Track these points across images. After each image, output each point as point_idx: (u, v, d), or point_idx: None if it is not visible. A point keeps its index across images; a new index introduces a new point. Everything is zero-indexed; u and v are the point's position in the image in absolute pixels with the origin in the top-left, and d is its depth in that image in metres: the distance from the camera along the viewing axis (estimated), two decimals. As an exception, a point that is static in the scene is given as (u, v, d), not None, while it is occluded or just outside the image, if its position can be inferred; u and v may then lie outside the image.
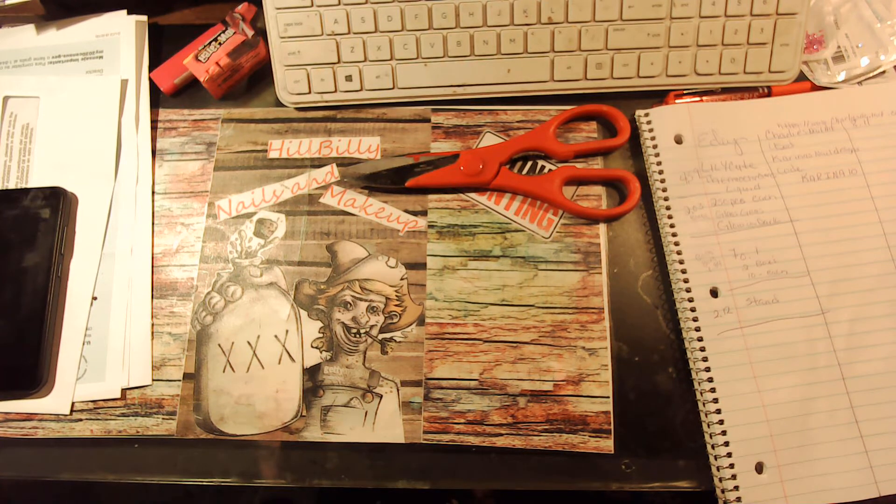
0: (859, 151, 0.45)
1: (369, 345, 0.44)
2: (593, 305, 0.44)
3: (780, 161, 0.45)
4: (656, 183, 0.45)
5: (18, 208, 0.46)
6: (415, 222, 0.47)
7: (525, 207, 0.47)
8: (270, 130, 0.50)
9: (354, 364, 0.43)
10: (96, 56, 0.52)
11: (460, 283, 0.45)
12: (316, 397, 0.43)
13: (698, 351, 0.41)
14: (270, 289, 0.46)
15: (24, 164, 0.49)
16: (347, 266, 0.46)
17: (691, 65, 0.47)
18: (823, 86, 0.48)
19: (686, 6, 0.46)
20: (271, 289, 0.46)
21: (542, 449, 0.41)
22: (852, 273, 0.42)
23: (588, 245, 0.45)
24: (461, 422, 0.42)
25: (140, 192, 0.48)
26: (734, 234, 0.44)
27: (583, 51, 0.47)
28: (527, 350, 0.43)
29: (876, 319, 0.41)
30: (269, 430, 0.42)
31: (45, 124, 0.50)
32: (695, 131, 0.46)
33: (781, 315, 0.42)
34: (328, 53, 0.48)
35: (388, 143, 0.49)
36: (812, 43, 0.49)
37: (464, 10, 0.47)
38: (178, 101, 0.51)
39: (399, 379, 0.43)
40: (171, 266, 0.47)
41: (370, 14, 0.47)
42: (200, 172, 0.49)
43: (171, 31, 0.53)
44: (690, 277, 0.43)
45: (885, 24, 0.48)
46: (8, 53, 0.52)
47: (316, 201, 0.48)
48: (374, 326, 0.44)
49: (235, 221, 0.48)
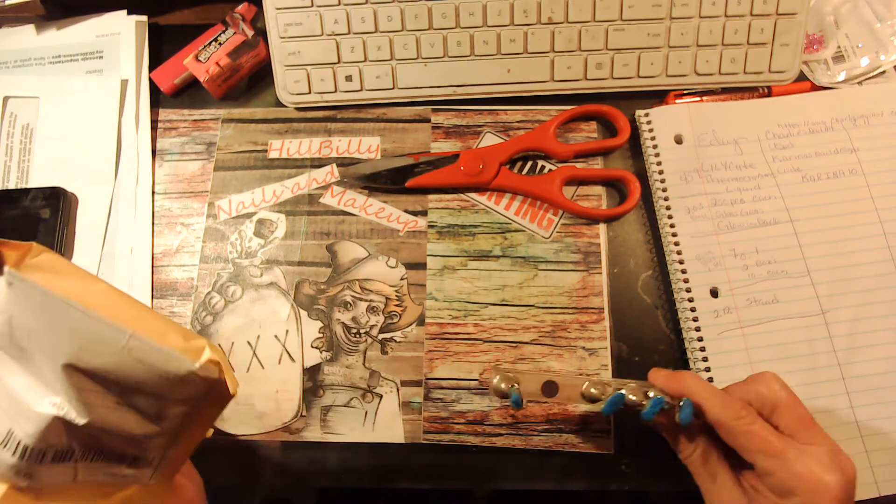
0: (859, 151, 0.45)
1: (369, 345, 0.44)
2: (593, 305, 0.44)
3: (780, 161, 0.45)
4: (656, 183, 0.45)
5: (18, 208, 0.46)
6: (415, 222, 0.47)
7: (525, 207, 0.47)
8: (270, 130, 0.50)
9: (354, 364, 0.43)
10: (96, 56, 0.52)
11: (460, 283, 0.45)
12: (316, 397, 0.43)
13: (698, 351, 0.41)
14: (270, 289, 0.46)
15: (24, 164, 0.49)
16: (347, 266, 0.46)
17: (691, 65, 0.47)
18: (823, 86, 0.48)
19: (686, 6, 0.46)
20: (271, 289, 0.46)
21: (542, 449, 0.41)
22: (852, 273, 0.42)
23: (588, 245, 0.45)
24: (461, 422, 0.42)
25: (140, 192, 0.48)
26: (734, 234, 0.44)
27: (583, 51, 0.47)
28: (527, 350, 0.43)
29: (876, 319, 0.41)
30: (269, 430, 0.42)
31: (45, 124, 0.50)
32: (695, 131, 0.46)
33: (781, 315, 0.42)
34: (328, 53, 0.48)
35: (388, 143, 0.49)
36: (812, 43, 0.49)
37: (464, 10, 0.47)
38: (178, 101, 0.51)
39: (399, 379, 0.43)
40: (171, 266, 0.47)
41: (370, 14, 0.47)
42: (200, 172, 0.49)
43: (171, 31, 0.53)
44: (690, 277, 0.43)
45: (885, 24, 0.48)
46: (8, 53, 0.52)
47: (316, 201, 0.48)
48: (374, 326, 0.44)
49: (235, 221, 0.48)
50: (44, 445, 0.25)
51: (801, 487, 0.31)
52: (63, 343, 0.25)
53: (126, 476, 0.29)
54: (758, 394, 0.33)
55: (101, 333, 0.25)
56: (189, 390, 0.27)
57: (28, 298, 0.25)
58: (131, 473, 0.29)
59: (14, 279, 0.25)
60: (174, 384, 0.26)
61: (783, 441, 0.32)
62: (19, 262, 0.25)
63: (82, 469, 0.27)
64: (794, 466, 0.31)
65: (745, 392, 0.34)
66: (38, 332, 0.25)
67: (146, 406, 0.27)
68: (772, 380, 0.34)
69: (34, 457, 0.25)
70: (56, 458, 0.26)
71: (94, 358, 0.25)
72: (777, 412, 0.33)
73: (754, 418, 0.32)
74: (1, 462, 0.25)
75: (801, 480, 0.31)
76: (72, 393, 0.25)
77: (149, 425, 0.27)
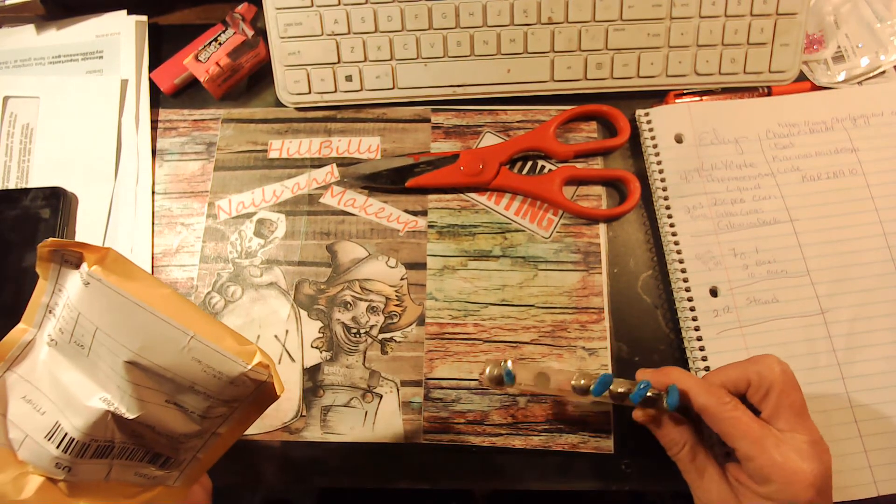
0: (859, 151, 0.45)
1: (369, 345, 0.44)
2: (593, 305, 0.44)
3: (780, 160, 0.45)
4: (656, 182, 0.45)
5: (18, 208, 0.46)
6: (415, 222, 0.47)
7: (525, 207, 0.47)
8: (270, 130, 0.50)
9: (354, 364, 0.43)
10: (96, 56, 0.52)
11: (460, 283, 0.45)
12: (316, 397, 0.43)
13: (698, 350, 0.41)
14: (270, 289, 0.46)
15: (24, 164, 0.49)
16: (347, 266, 0.46)
17: (691, 65, 0.47)
18: (823, 86, 0.48)
19: (686, 6, 0.46)
20: (271, 289, 0.46)
21: (542, 449, 0.41)
22: (852, 273, 0.42)
23: (588, 245, 0.45)
24: (461, 422, 0.42)
25: (140, 192, 0.48)
26: (734, 234, 0.44)
27: (583, 51, 0.47)
28: (527, 350, 0.43)
29: (876, 319, 0.41)
30: (269, 430, 0.42)
31: (45, 124, 0.50)
32: (695, 130, 0.46)
33: (781, 315, 0.42)
34: (328, 53, 0.48)
35: (388, 143, 0.49)
36: (812, 43, 0.49)
37: (464, 10, 0.47)
38: (178, 101, 0.51)
39: (399, 379, 0.43)
40: (171, 266, 0.47)
41: (370, 14, 0.47)
42: (200, 172, 0.49)
43: (171, 31, 0.53)
44: (690, 277, 0.43)
45: (885, 24, 0.48)
46: (8, 53, 0.52)
47: (316, 201, 0.48)
48: (374, 326, 0.44)
49: (235, 221, 0.48)
50: (88, 439, 0.27)
51: (777, 475, 0.31)
52: (129, 340, 0.27)
53: (154, 478, 0.30)
54: (756, 374, 0.34)
55: (165, 333, 0.27)
56: (237, 391, 0.29)
57: (101, 298, 0.27)
58: (160, 475, 0.30)
59: (91, 279, 0.27)
60: (225, 384, 0.28)
61: (764, 428, 0.33)
62: (97, 265, 0.27)
63: (116, 467, 0.29)
64: (772, 454, 0.32)
65: (744, 370, 0.35)
66: (105, 329, 0.27)
67: (193, 405, 0.28)
68: (772, 362, 0.34)
69: (77, 450, 0.27)
70: (96, 453, 0.28)
71: (155, 356, 0.27)
72: (770, 394, 0.33)
73: (737, 405, 0.33)
74: (43, 455, 0.27)
75: (777, 468, 0.31)
76: (127, 388, 0.27)
77: (191, 424, 0.29)
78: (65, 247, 0.27)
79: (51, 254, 0.28)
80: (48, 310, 0.29)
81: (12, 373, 0.28)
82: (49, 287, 0.28)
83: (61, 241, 0.27)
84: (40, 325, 0.29)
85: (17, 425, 0.28)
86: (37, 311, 0.29)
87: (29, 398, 0.28)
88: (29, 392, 0.28)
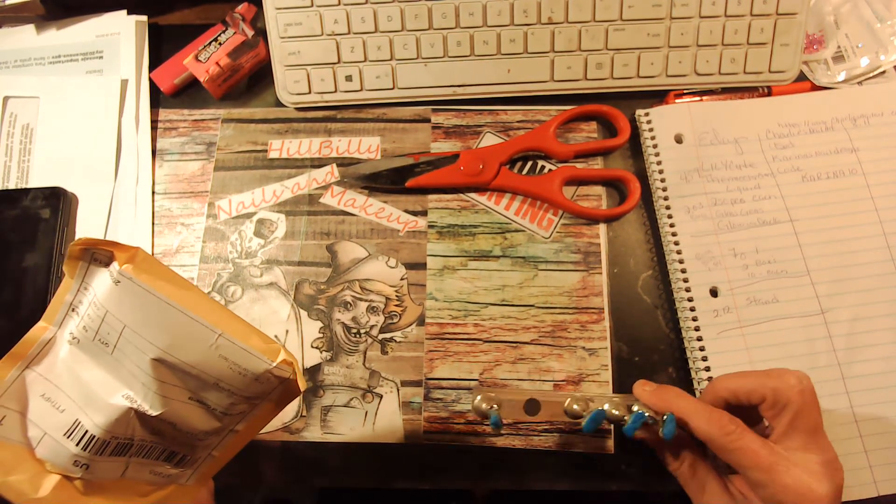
0: (859, 151, 0.45)
1: (369, 345, 0.44)
2: (593, 305, 0.44)
3: (780, 161, 0.45)
4: (656, 182, 0.45)
5: (18, 208, 0.46)
6: (415, 222, 0.47)
7: (525, 207, 0.47)
8: (270, 130, 0.50)
9: (354, 364, 0.43)
10: (96, 56, 0.52)
11: (460, 283, 0.45)
12: (316, 397, 0.43)
13: (698, 350, 0.41)
14: (270, 289, 0.46)
15: (24, 164, 0.49)
16: (347, 266, 0.46)
17: (691, 65, 0.47)
18: (823, 86, 0.48)
19: (686, 6, 0.46)
20: (271, 289, 0.46)
21: (542, 449, 0.41)
22: (852, 273, 0.42)
23: (588, 245, 0.45)
24: (461, 422, 0.42)
25: (140, 192, 0.48)
26: (734, 234, 0.44)
27: (583, 51, 0.47)
28: (527, 350, 0.43)
29: (876, 319, 0.41)
30: (269, 430, 0.42)
31: (45, 124, 0.50)
32: (695, 130, 0.46)
33: (781, 315, 0.42)
34: (328, 53, 0.48)
35: (388, 143, 0.49)
36: (812, 43, 0.49)
37: (464, 10, 0.47)
38: (178, 101, 0.51)
39: (399, 379, 0.43)
40: (171, 266, 0.47)
41: (370, 14, 0.47)
42: (200, 172, 0.49)
43: (171, 31, 0.53)
44: (690, 277, 0.43)
45: (885, 24, 0.48)
46: (8, 53, 0.52)
47: (316, 201, 0.48)
48: (374, 326, 0.44)
49: (235, 221, 0.48)
50: (109, 436, 0.27)
51: (789, 499, 0.31)
52: (157, 338, 0.27)
53: (168, 476, 0.31)
54: (773, 391, 0.32)
55: (194, 331, 0.28)
56: (261, 388, 0.29)
57: (131, 296, 0.27)
58: (174, 473, 0.31)
59: (122, 278, 0.27)
60: (249, 381, 0.29)
61: (774, 454, 0.32)
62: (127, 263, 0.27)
63: (133, 465, 0.29)
64: (783, 478, 0.31)
65: (761, 384, 0.33)
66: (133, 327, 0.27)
67: (216, 401, 0.29)
68: (792, 380, 0.33)
69: (97, 448, 0.27)
70: (115, 450, 0.28)
71: (183, 353, 0.27)
72: (784, 414, 0.32)
73: (742, 432, 0.32)
74: (62, 452, 0.27)
75: (790, 492, 0.31)
76: (152, 385, 0.27)
77: (212, 421, 0.29)
78: (96, 245, 0.27)
79: (82, 252, 0.28)
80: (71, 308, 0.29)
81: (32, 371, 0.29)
82: (75, 285, 0.29)
83: (93, 239, 0.27)
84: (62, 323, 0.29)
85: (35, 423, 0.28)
86: (59, 308, 0.29)
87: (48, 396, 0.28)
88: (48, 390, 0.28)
